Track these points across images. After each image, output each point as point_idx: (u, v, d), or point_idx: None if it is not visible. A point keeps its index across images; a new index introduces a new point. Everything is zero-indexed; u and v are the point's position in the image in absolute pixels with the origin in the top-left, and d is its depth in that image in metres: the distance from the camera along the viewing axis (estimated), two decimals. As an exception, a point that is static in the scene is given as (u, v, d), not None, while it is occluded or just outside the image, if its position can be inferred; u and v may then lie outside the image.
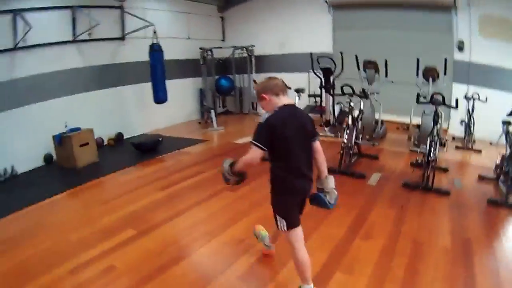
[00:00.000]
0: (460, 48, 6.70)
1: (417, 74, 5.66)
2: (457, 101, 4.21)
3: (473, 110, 5.81)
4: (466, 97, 5.91)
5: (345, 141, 4.22)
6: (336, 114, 6.44)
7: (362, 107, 5.11)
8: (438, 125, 4.20)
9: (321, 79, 6.56)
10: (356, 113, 4.73)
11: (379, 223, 3.11)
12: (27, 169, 5.15)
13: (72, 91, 6.00)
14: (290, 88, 3.01)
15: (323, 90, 6.82)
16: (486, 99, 5.60)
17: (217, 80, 8.75)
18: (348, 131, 4.25)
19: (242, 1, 9.10)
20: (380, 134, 5.92)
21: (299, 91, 6.16)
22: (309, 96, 7.95)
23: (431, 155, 3.87)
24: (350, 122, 4.39)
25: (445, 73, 5.47)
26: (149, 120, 7.50)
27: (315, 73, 6.67)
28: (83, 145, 5.22)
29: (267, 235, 2.56)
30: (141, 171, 4.93)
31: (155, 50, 6.28)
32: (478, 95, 5.75)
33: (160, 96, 6.48)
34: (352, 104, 4.65)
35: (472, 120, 5.82)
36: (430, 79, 5.52)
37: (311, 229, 2.89)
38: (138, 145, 5.92)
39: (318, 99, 7.70)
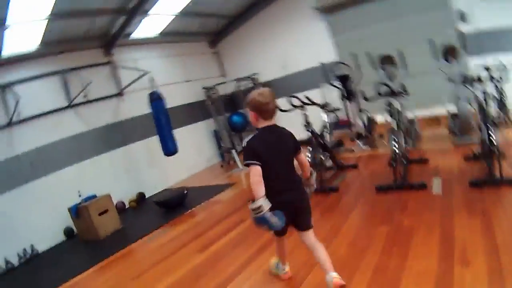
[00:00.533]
0: (463, 18, 6.15)
1: (437, 58, 5.11)
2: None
3: (499, 82, 5.12)
4: (487, 69, 5.05)
5: (396, 150, 3.67)
6: (364, 123, 5.89)
7: (399, 108, 4.50)
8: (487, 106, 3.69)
9: (340, 89, 6.00)
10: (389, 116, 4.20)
11: (469, 240, 2.54)
12: (48, 246, 4.89)
13: (80, 157, 5.75)
14: (285, 110, 3.11)
15: (342, 101, 6.24)
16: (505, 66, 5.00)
17: (229, 118, 8.33)
18: (395, 138, 3.71)
19: (230, 32, 8.88)
20: (418, 134, 5.36)
21: (325, 107, 5.21)
22: (327, 110, 7.52)
23: (493, 141, 3.31)
24: (395, 126, 3.85)
25: (465, 49, 4.96)
26: (169, 174, 7.11)
27: (332, 84, 6.11)
28: (102, 213, 4.80)
29: (277, 260, 2.54)
30: (172, 232, 4.41)
31: (155, 99, 5.83)
32: (503, 63, 5.06)
33: (169, 148, 5.84)
34: (397, 105, 4.13)
35: (504, 93, 5.20)
36: (453, 59, 4.99)
37: (398, 268, 2.35)
38: (163, 203, 5.44)
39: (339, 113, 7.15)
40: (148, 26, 6.87)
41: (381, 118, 5.46)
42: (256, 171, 1.88)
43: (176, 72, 7.98)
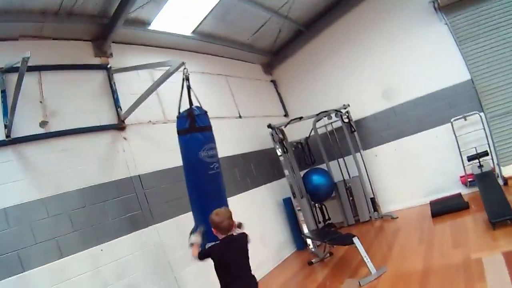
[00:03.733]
0: None
1: None
2: None
3: None
4: None
5: None
6: None
7: None
8: None
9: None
10: None
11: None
12: None
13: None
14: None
15: None
16: None
17: (305, 178, 5.05)
18: None
19: (297, 49, 5.87)
20: None
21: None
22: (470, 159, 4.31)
23: None
24: None
25: None
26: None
27: None
28: None
29: None
30: None
31: (192, 127, 2.60)
32: None
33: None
34: None
35: None
36: None
37: None
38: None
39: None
40: (174, 16, 3.86)
41: None
42: (194, 254, 2.37)
43: (222, 101, 4.82)
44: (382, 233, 4.53)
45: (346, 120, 5.07)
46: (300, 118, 4.98)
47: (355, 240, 3.26)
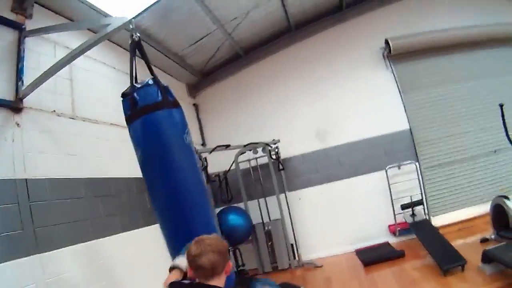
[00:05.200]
0: None
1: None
2: None
3: None
4: None
5: None
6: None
7: None
8: None
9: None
10: None
11: None
12: None
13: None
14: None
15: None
16: None
17: (220, 216, 4.45)
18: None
19: (230, 73, 5.53)
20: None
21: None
22: (404, 207, 4.45)
23: None
24: None
25: None
26: None
27: None
28: None
29: None
30: None
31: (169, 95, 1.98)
32: None
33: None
34: None
35: None
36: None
37: None
38: None
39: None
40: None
41: None
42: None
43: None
44: (312, 284, 4.11)
45: (274, 157, 4.80)
46: (227, 146, 4.52)
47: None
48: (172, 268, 1.62)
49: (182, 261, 1.58)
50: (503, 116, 3.12)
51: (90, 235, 2.67)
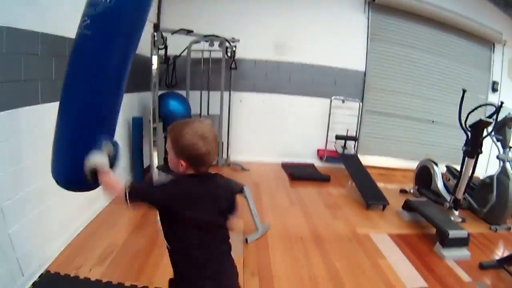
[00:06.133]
0: (495, 89, 5.83)
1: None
2: None
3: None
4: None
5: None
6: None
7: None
8: None
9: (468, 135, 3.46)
10: None
11: None
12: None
13: None
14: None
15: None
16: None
17: (161, 100, 4.29)
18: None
19: None
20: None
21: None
22: (338, 138, 5.03)
23: None
24: None
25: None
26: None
27: (464, 129, 3.43)
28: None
29: None
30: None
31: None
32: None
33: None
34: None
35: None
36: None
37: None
38: None
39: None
40: None
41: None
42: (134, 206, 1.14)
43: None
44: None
45: (229, 55, 4.78)
46: (191, 31, 4.31)
47: (246, 189, 2.81)
48: (93, 172, 1.23)
49: (101, 159, 1.25)
50: (462, 100, 3.41)
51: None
